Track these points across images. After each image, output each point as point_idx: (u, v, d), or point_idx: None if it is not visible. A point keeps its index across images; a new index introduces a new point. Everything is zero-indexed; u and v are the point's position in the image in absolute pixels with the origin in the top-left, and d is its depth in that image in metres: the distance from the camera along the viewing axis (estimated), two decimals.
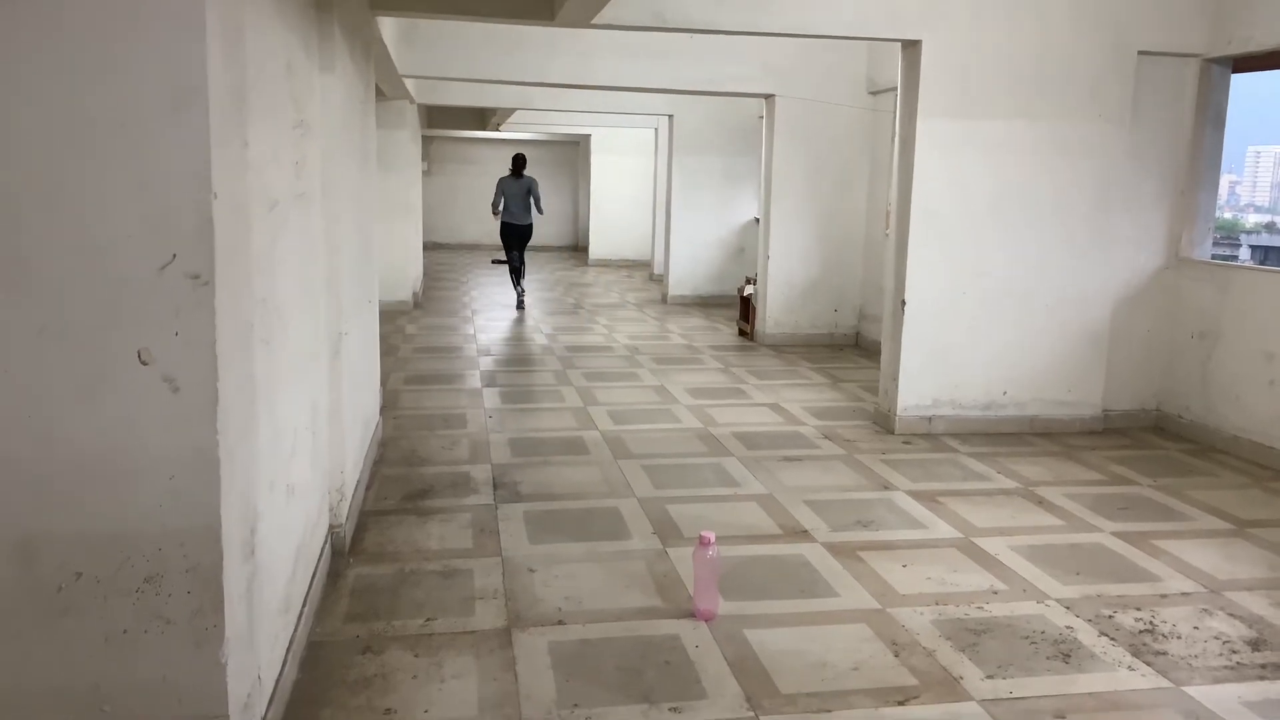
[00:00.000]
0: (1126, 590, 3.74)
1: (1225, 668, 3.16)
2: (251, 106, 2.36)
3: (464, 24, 7.78)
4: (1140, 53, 5.89)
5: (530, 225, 11.71)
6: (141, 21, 1.90)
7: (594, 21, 5.34)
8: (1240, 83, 6.54)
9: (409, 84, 9.67)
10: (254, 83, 2.40)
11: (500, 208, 11.50)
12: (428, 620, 3.35)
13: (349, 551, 3.92)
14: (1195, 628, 3.44)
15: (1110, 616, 3.51)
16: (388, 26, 6.95)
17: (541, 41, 8.14)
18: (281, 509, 2.79)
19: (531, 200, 11.43)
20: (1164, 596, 3.69)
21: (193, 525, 2.04)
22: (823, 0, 5.65)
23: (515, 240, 11.76)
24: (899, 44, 5.91)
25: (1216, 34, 5.86)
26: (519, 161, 11.47)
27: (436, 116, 17.58)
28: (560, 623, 3.36)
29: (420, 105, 12.19)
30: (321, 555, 3.57)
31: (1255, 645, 3.32)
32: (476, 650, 3.15)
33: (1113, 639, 3.33)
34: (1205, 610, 3.58)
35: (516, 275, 11.88)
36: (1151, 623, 3.47)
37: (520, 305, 11.64)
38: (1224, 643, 3.33)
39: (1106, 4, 5.80)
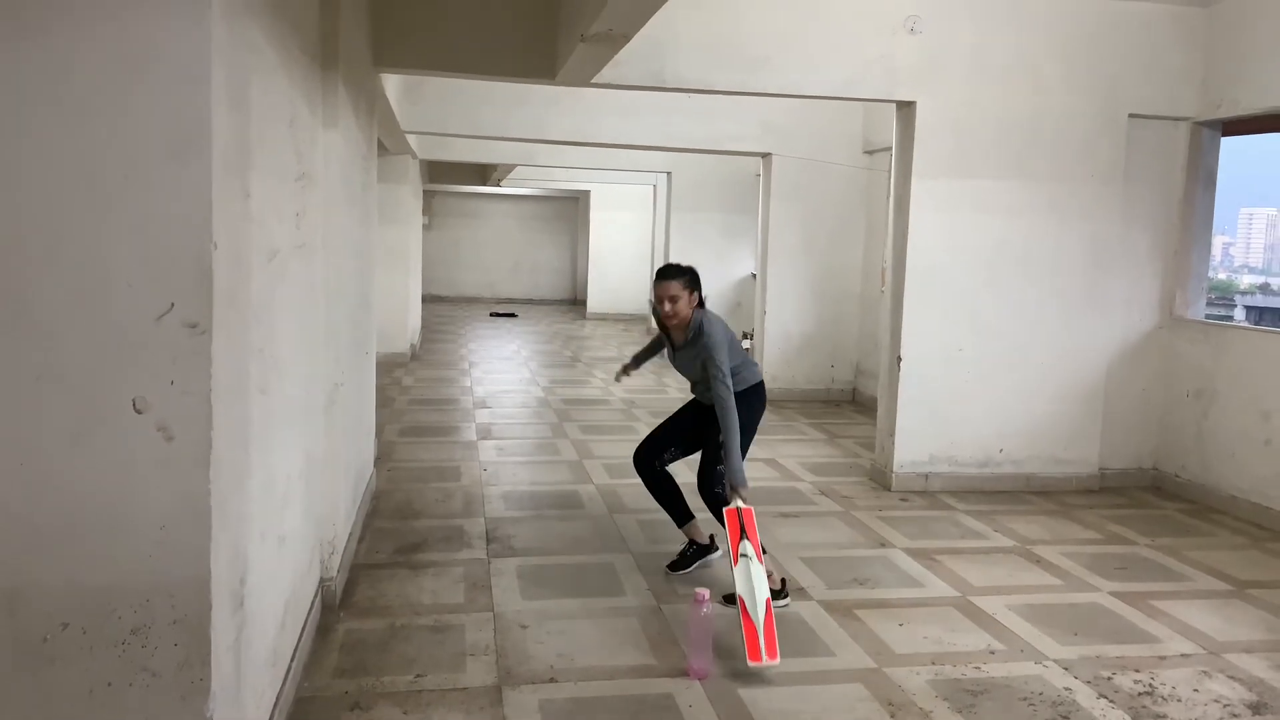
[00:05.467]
0: (1125, 651, 3.70)
1: None
2: (254, 159, 2.39)
3: (467, 82, 7.90)
4: (1131, 115, 6.00)
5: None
6: (148, 73, 1.94)
7: (594, 80, 5.43)
8: (1231, 145, 6.66)
9: (411, 140, 9.80)
10: (257, 136, 2.44)
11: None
12: (418, 676, 3.31)
13: (339, 605, 3.87)
14: (1195, 690, 3.39)
15: (1109, 678, 3.46)
16: (392, 84, 7.07)
17: (543, 99, 8.27)
18: (272, 560, 2.77)
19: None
20: (1163, 658, 3.65)
21: (182, 576, 2.02)
22: (817, 61, 5.76)
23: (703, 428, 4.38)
24: (894, 105, 6.02)
25: (1206, 98, 5.97)
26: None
27: (438, 171, 17.79)
28: (552, 680, 3.31)
29: (422, 160, 12.34)
30: (311, 608, 3.53)
31: (1256, 709, 3.27)
32: (467, 708, 3.10)
33: (1112, 701, 3.29)
34: (1204, 672, 3.54)
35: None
36: (1151, 684, 3.42)
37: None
38: (1224, 705, 3.28)
39: (1097, 67, 5.91)
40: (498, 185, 17.65)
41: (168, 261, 1.96)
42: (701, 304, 4.13)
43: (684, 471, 4.53)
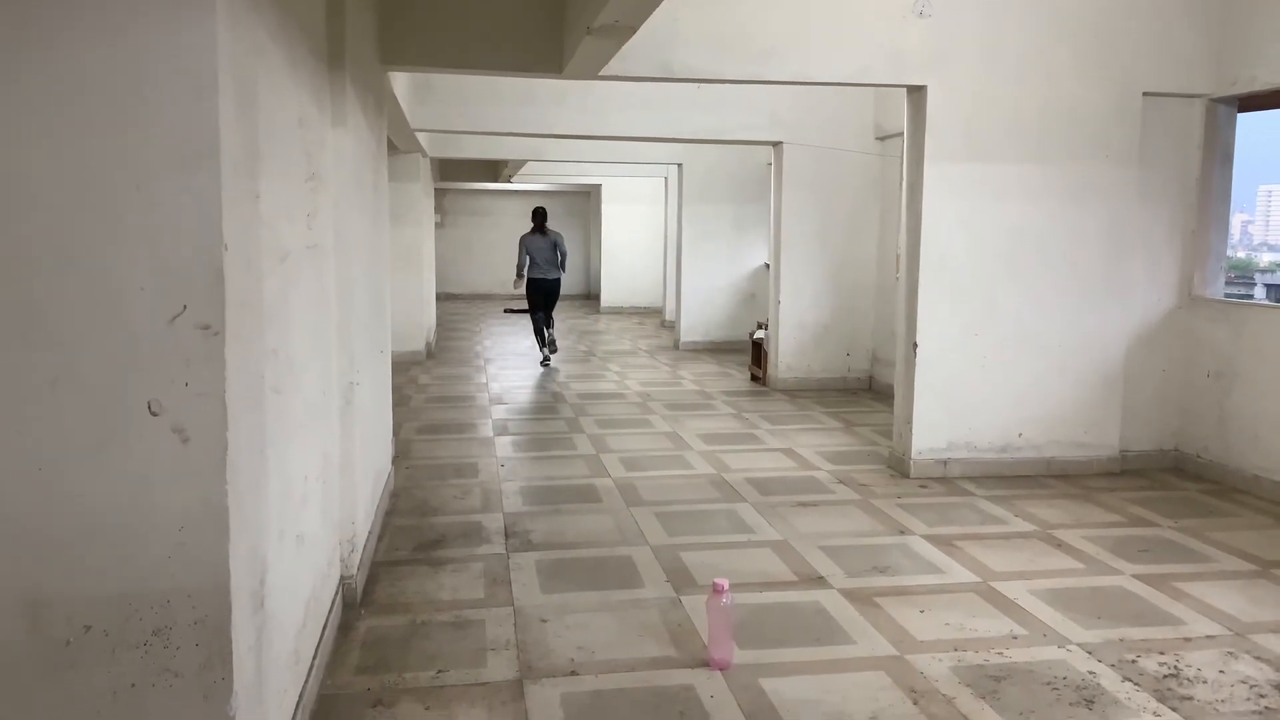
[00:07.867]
0: (1149, 634, 3.67)
1: (1253, 713, 3.09)
2: (264, 161, 2.39)
3: (475, 78, 7.91)
4: (1145, 94, 5.93)
5: (559, 280, 11.04)
6: (156, 80, 1.94)
7: (602, 73, 5.42)
8: (1249, 122, 6.59)
9: (422, 138, 9.81)
10: (266, 138, 2.44)
11: (526, 268, 10.89)
12: (439, 672, 3.32)
13: (360, 603, 3.89)
14: (1221, 672, 3.37)
15: (1133, 661, 3.44)
16: (400, 82, 7.08)
17: (552, 94, 8.26)
18: (291, 560, 2.78)
19: (559, 256, 10.88)
20: (1188, 640, 3.62)
21: (201, 576, 2.03)
22: (826, 48, 5.73)
23: (543, 298, 10.98)
24: (905, 90, 5.98)
25: (1221, 74, 5.90)
26: (541, 216, 10.95)
27: (449, 169, 17.81)
28: (573, 674, 3.32)
29: (433, 158, 12.36)
30: (332, 607, 3.55)
31: None
32: (489, 702, 3.12)
33: (1136, 684, 3.26)
34: (1230, 654, 3.51)
35: (542, 336, 11.08)
36: (1176, 667, 3.40)
37: (546, 361, 11.01)
38: (1251, 687, 3.25)
39: (1110, 46, 5.85)
40: (509, 181, 17.66)
41: (179, 265, 1.97)
42: (537, 228, 10.85)
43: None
